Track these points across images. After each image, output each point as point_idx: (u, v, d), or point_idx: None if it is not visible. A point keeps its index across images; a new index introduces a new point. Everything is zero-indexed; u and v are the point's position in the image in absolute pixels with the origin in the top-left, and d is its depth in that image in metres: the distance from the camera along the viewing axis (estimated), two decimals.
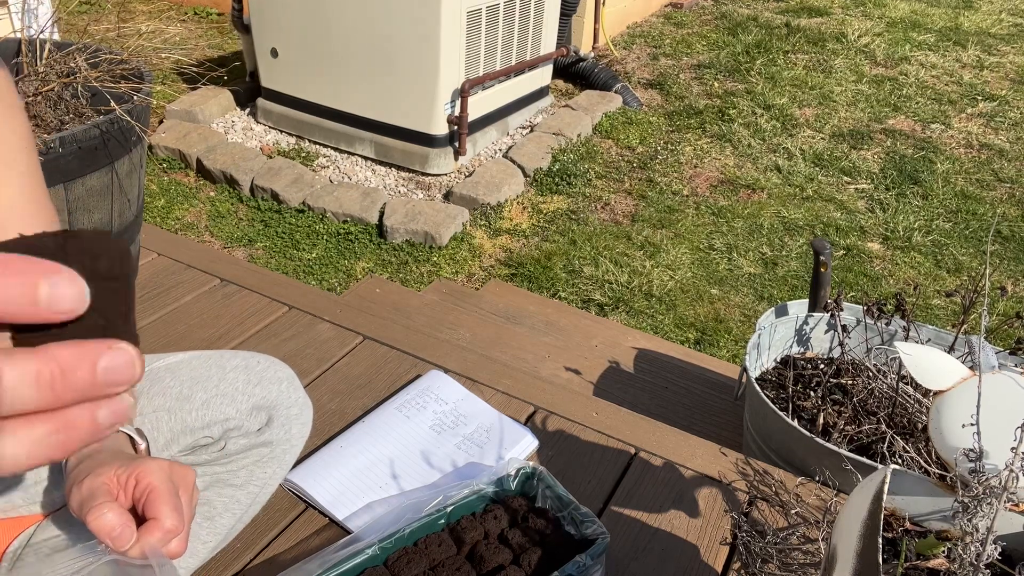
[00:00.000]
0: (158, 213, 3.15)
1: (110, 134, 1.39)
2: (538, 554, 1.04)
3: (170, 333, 1.55)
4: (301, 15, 3.39)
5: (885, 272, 3.04)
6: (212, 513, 0.97)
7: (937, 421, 0.82)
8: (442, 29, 3.13)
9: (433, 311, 2.29)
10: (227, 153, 3.43)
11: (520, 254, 3.05)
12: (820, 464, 1.33)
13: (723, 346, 2.61)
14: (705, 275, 2.98)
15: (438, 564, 1.03)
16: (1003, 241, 3.26)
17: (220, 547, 1.03)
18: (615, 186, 3.54)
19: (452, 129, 3.41)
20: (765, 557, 1.13)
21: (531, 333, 2.25)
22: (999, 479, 0.73)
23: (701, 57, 4.81)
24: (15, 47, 1.63)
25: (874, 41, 5.08)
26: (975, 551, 0.75)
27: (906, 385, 1.50)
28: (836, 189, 3.58)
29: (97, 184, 1.41)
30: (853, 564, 0.71)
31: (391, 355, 1.54)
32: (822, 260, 1.70)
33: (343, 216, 3.15)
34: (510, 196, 3.37)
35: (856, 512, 0.72)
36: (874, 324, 1.67)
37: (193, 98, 3.79)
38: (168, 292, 1.68)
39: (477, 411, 1.39)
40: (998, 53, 5.02)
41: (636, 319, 2.72)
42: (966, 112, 4.29)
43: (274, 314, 1.63)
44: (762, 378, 1.68)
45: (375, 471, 1.25)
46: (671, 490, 1.27)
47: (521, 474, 1.15)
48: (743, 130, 4.01)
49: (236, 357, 1.00)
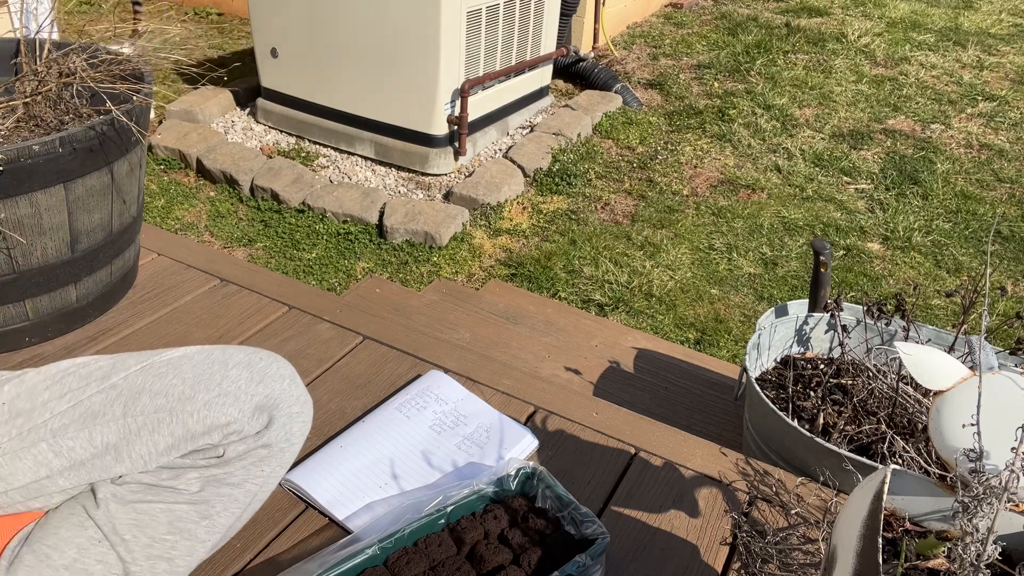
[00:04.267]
0: (158, 213, 3.15)
1: (109, 134, 1.39)
2: (538, 554, 1.04)
3: (170, 333, 1.55)
4: (301, 15, 3.39)
5: (885, 272, 3.04)
6: (210, 512, 0.97)
7: (937, 421, 0.82)
8: (442, 29, 3.13)
9: (433, 311, 2.28)
10: (227, 153, 3.43)
11: (520, 254, 3.05)
12: (820, 464, 1.33)
13: (723, 346, 2.61)
14: (705, 275, 2.98)
15: (438, 564, 1.03)
16: (1003, 241, 3.26)
17: (219, 546, 1.03)
18: (615, 186, 3.54)
19: (452, 129, 3.41)
20: (765, 557, 1.13)
21: (531, 333, 2.25)
22: (999, 479, 0.73)
23: (701, 57, 4.81)
24: (14, 47, 1.63)
25: (874, 41, 5.08)
26: (975, 551, 0.75)
27: (906, 385, 1.50)
28: (836, 189, 3.58)
29: (97, 184, 1.41)
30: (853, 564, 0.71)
31: (391, 355, 1.54)
32: (822, 260, 1.70)
33: (343, 216, 3.15)
34: (510, 196, 3.37)
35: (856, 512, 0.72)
36: (874, 324, 1.67)
37: (193, 98, 3.79)
38: (168, 292, 1.68)
39: (477, 411, 1.39)
40: (998, 53, 5.02)
41: (636, 319, 2.72)
42: (966, 112, 4.29)
43: (274, 314, 1.63)
44: (762, 378, 1.68)
45: (375, 471, 1.25)
46: (671, 490, 1.27)
47: (521, 474, 1.15)
48: (743, 130, 4.01)
49: (239, 352, 0.99)
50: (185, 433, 0.92)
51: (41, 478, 0.92)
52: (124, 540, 0.92)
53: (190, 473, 0.95)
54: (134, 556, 0.93)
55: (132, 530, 0.92)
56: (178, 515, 0.94)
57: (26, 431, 0.92)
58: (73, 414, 0.93)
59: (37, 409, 0.93)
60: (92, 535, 0.91)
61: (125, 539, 0.92)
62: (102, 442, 0.92)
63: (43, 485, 0.92)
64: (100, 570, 0.91)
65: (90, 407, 0.93)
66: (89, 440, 0.91)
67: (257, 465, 0.99)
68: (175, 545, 0.95)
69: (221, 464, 0.96)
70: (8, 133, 1.41)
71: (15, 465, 0.91)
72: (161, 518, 0.94)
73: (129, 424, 0.92)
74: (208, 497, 0.96)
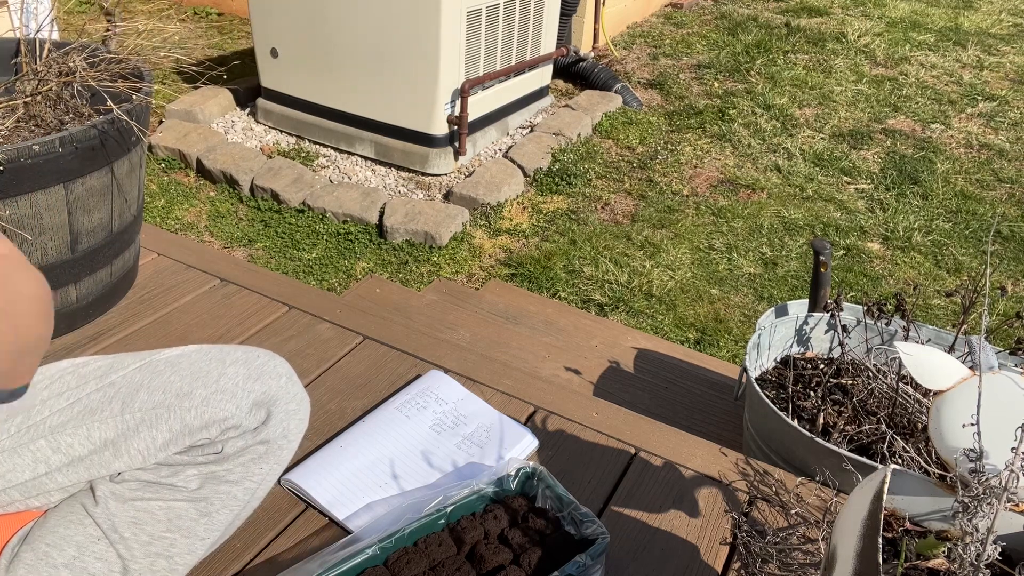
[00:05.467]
0: (158, 213, 3.15)
1: (109, 134, 1.39)
2: (538, 554, 1.04)
3: (170, 333, 1.55)
4: (301, 15, 3.39)
5: (885, 272, 3.04)
6: (209, 509, 0.97)
7: (937, 421, 0.82)
8: (442, 29, 3.13)
9: (433, 311, 2.28)
10: (227, 153, 3.43)
11: (520, 254, 3.05)
12: (820, 464, 1.33)
13: (723, 346, 2.61)
14: (705, 275, 2.98)
15: (438, 564, 1.03)
16: (1003, 241, 3.26)
17: (218, 543, 1.03)
18: (615, 186, 3.54)
19: (452, 129, 3.41)
20: (765, 557, 1.13)
21: (531, 333, 2.25)
22: (999, 479, 0.73)
23: (701, 57, 4.81)
24: (14, 46, 1.63)
25: (874, 41, 5.08)
26: (975, 551, 0.75)
27: (906, 385, 1.50)
28: (836, 189, 3.58)
29: (97, 184, 1.41)
30: (853, 564, 0.71)
31: (391, 355, 1.54)
32: (822, 260, 1.70)
33: (343, 216, 3.15)
34: (510, 196, 3.37)
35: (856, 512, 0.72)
36: (874, 324, 1.67)
37: (193, 98, 3.79)
38: (168, 292, 1.68)
39: (477, 411, 1.39)
40: (998, 53, 5.02)
41: (636, 319, 2.72)
42: (966, 112, 4.29)
43: (274, 314, 1.63)
44: (762, 378, 1.68)
45: (375, 471, 1.25)
46: (671, 490, 1.27)
47: (521, 474, 1.15)
48: (743, 130, 4.01)
49: (237, 351, 1.00)
50: (183, 428, 0.93)
51: (40, 475, 0.92)
52: (123, 538, 0.92)
53: (189, 470, 0.95)
54: (133, 554, 0.93)
55: (131, 528, 0.92)
56: (177, 512, 0.95)
57: (25, 428, 0.92)
58: (71, 411, 0.93)
59: (36, 407, 0.93)
60: (91, 533, 0.91)
61: (124, 537, 0.92)
62: (100, 438, 0.92)
63: (42, 482, 0.93)
64: (100, 568, 0.91)
65: (88, 404, 0.93)
66: (87, 436, 0.92)
67: (256, 463, 0.99)
68: (174, 543, 0.95)
69: (220, 461, 0.96)
70: (8, 133, 1.41)
71: (14, 462, 0.91)
72: (160, 515, 0.94)
73: (127, 420, 0.92)
74: (207, 494, 0.96)
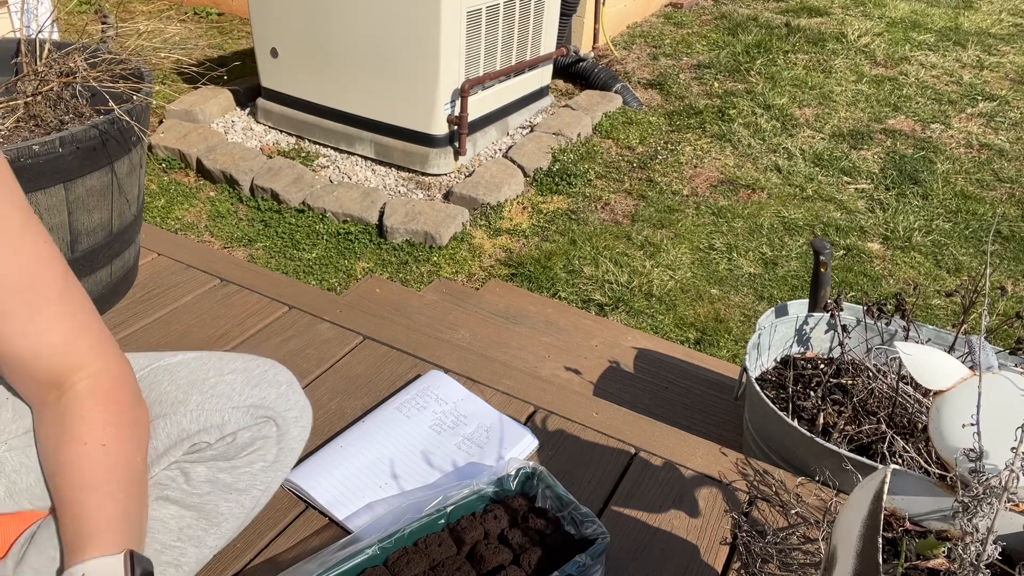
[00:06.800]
0: (158, 213, 3.15)
1: (110, 134, 1.39)
2: (538, 554, 1.04)
3: (170, 333, 1.55)
4: (301, 15, 3.39)
5: (885, 272, 3.04)
6: (219, 519, 0.97)
7: (937, 421, 0.82)
8: (442, 29, 3.13)
9: (433, 311, 2.28)
10: (227, 153, 3.43)
11: (520, 254, 3.05)
12: (820, 464, 1.33)
13: (723, 346, 2.61)
14: (705, 275, 2.98)
15: (438, 564, 1.03)
16: (1003, 241, 3.26)
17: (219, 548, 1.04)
18: (615, 186, 3.54)
19: (452, 129, 3.41)
20: (765, 557, 1.13)
21: (531, 333, 2.25)
22: (999, 479, 0.73)
23: (701, 57, 4.81)
24: (14, 47, 1.63)
25: (874, 41, 5.08)
26: (975, 551, 0.75)
27: (906, 385, 1.50)
28: (836, 189, 3.58)
29: (97, 184, 1.41)
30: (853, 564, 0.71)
31: (391, 355, 1.54)
32: (822, 260, 1.70)
33: (343, 216, 3.15)
34: (510, 196, 3.37)
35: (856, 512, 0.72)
36: (874, 324, 1.67)
37: (193, 98, 3.79)
38: (168, 292, 1.68)
39: (477, 411, 1.39)
40: (998, 53, 5.02)
41: (636, 319, 2.72)
42: (966, 112, 4.29)
43: (274, 314, 1.63)
44: (762, 378, 1.68)
45: (375, 471, 1.25)
46: (671, 490, 1.27)
47: (521, 474, 1.15)
48: (743, 130, 4.01)
49: (236, 360, 0.99)
50: (180, 433, 0.92)
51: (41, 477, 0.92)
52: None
53: (199, 477, 0.95)
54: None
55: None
56: (188, 522, 0.95)
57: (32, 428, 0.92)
58: None
59: None
60: None
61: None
62: None
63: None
64: None
65: None
66: None
67: (264, 471, 0.99)
68: (184, 552, 0.95)
69: (228, 470, 0.96)
70: (8, 133, 1.41)
71: (21, 461, 0.91)
72: (171, 524, 0.94)
73: None
74: (217, 503, 0.96)
